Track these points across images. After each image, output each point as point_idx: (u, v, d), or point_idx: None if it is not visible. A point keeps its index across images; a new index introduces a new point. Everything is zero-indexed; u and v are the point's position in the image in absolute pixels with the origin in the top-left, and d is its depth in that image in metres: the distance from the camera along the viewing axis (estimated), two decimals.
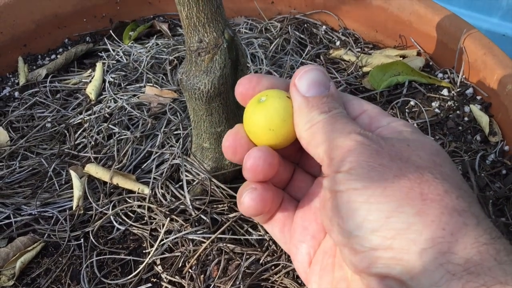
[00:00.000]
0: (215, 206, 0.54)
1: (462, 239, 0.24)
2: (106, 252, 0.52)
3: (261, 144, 0.33)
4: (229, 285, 0.48)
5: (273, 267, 0.50)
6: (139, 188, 0.56)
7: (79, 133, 0.66)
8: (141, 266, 0.50)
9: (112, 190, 0.58)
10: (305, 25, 0.86)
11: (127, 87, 0.73)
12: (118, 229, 0.54)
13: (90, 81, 0.74)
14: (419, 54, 0.77)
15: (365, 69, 0.76)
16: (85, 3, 0.84)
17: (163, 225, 0.53)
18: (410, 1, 0.77)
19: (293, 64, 0.76)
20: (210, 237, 0.51)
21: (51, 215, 0.56)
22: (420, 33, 0.77)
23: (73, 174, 0.58)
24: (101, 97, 0.72)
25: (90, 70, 0.78)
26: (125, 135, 0.64)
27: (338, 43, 0.82)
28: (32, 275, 0.51)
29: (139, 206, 0.55)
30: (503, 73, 0.64)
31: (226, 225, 0.52)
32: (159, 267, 0.50)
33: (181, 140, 0.61)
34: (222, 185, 0.55)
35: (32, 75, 0.77)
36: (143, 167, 0.60)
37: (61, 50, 0.84)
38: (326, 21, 0.87)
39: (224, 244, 0.51)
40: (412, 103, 0.69)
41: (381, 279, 0.26)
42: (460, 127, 0.65)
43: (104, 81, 0.74)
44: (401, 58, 0.76)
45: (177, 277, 0.49)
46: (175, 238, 0.52)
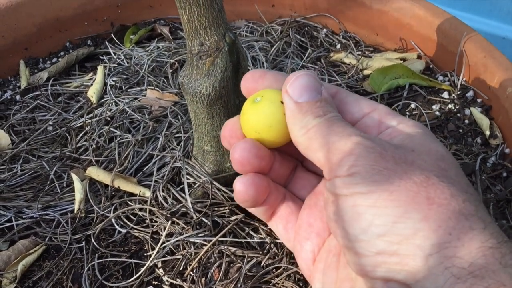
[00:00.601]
0: (216, 209, 0.54)
1: (468, 243, 0.24)
2: (107, 255, 0.52)
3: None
4: None
5: (274, 269, 0.50)
6: (140, 191, 0.57)
7: (80, 136, 0.66)
8: (143, 269, 0.50)
9: (113, 193, 0.58)
10: (306, 28, 0.86)
11: (128, 90, 0.73)
12: (119, 232, 0.54)
13: (92, 84, 0.75)
14: (419, 57, 0.77)
15: (366, 72, 0.76)
16: (86, 6, 0.84)
17: (164, 228, 0.53)
18: (410, 5, 0.77)
19: (294, 67, 0.76)
20: (211, 240, 0.51)
21: (52, 218, 0.56)
22: (421, 36, 0.77)
23: (74, 177, 0.58)
24: (103, 100, 0.72)
25: (92, 74, 0.78)
26: (126, 138, 0.64)
27: (338, 46, 0.83)
28: (34, 278, 0.51)
29: (140, 209, 0.56)
30: (503, 75, 0.65)
31: (227, 228, 0.52)
32: (161, 270, 0.50)
33: (182, 143, 0.61)
34: (223, 188, 0.55)
35: (34, 79, 0.77)
36: (144, 170, 0.60)
37: (62, 53, 0.84)
38: (327, 24, 0.87)
39: (226, 247, 0.51)
40: (412, 106, 0.69)
41: (385, 282, 0.26)
42: (461, 130, 0.66)
43: (105, 84, 0.75)
44: (402, 61, 0.76)
45: (178, 280, 0.49)
46: (176, 241, 0.52)
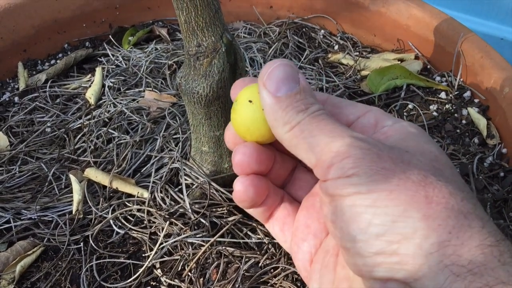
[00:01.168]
0: (214, 209, 0.54)
1: (467, 241, 0.24)
2: (105, 256, 0.52)
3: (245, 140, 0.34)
4: None
5: (272, 270, 0.50)
6: (138, 192, 0.57)
7: (78, 137, 0.66)
8: (141, 270, 0.50)
9: (111, 194, 0.58)
10: (304, 29, 0.86)
11: (127, 91, 0.74)
12: (117, 233, 0.54)
13: (90, 86, 0.75)
14: (417, 57, 0.77)
15: (363, 72, 0.76)
16: (84, 8, 0.85)
17: (162, 228, 0.53)
18: (407, 6, 0.78)
19: None
20: (209, 241, 0.51)
21: (50, 219, 0.56)
22: (418, 37, 0.77)
23: (72, 178, 0.58)
24: (101, 101, 0.72)
25: (90, 75, 0.78)
26: (125, 139, 0.64)
27: (336, 47, 0.83)
28: (32, 279, 0.51)
29: (138, 210, 0.56)
30: (500, 76, 0.65)
31: (225, 229, 0.52)
32: (159, 270, 0.50)
33: (180, 144, 0.61)
34: (221, 189, 0.55)
35: (32, 80, 0.77)
36: (142, 171, 0.60)
37: (60, 55, 0.84)
38: (325, 26, 0.87)
39: (223, 247, 0.51)
40: (410, 106, 0.69)
41: (384, 281, 0.26)
42: (458, 130, 0.66)
43: (103, 85, 0.75)
44: (399, 62, 0.76)
45: (176, 280, 0.49)
46: (174, 242, 0.52)
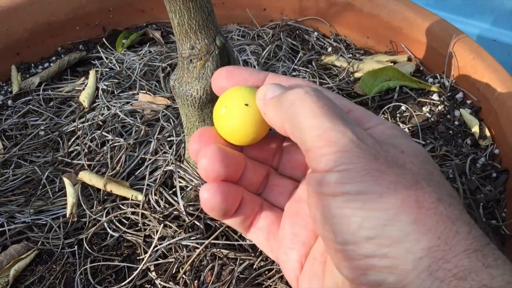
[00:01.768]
0: None
1: (454, 247, 0.24)
2: (100, 259, 0.52)
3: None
4: None
5: (266, 271, 0.50)
6: (132, 195, 0.57)
7: (72, 140, 0.66)
8: (135, 273, 0.50)
9: (105, 197, 0.58)
10: (297, 31, 0.87)
11: (120, 94, 0.74)
12: (112, 236, 0.54)
13: (83, 89, 0.75)
14: (409, 59, 0.78)
15: (357, 74, 0.76)
16: (78, 11, 0.85)
17: (156, 231, 0.53)
18: (400, 8, 0.78)
19: (285, 70, 0.76)
20: (203, 243, 0.51)
21: (44, 222, 0.56)
22: (411, 39, 0.78)
23: (66, 181, 0.58)
24: (94, 104, 0.72)
25: (83, 78, 0.78)
26: (119, 142, 0.64)
27: (329, 49, 0.83)
28: (26, 282, 0.51)
29: (132, 213, 0.56)
30: (492, 77, 0.65)
31: (219, 231, 0.52)
32: (153, 273, 0.50)
33: (174, 146, 0.61)
34: None
35: (25, 84, 0.77)
36: (136, 174, 0.60)
37: (54, 58, 0.84)
38: (318, 28, 0.87)
39: (218, 250, 0.51)
40: (403, 107, 0.70)
41: (373, 287, 0.26)
42: (451, 131, 0.66)
43: (97, 88, 0.75)
44: (392, 64, 0.77)
45: (171, 283, 0.49)
46: (168, 244, 0.52)
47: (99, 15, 0.87)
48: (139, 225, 0.55)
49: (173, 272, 0.50)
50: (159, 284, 0.49)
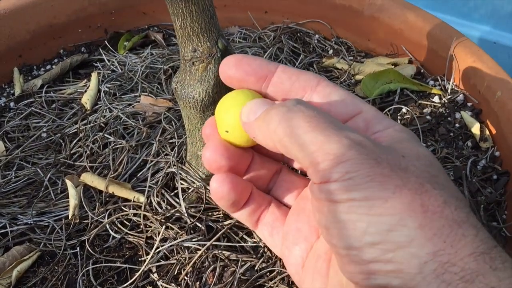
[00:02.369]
0: (210, 213, 0.55)
1: (460, 250, 0.24)
2: (102, 260, 0.52)
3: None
4: None
5: (268, 273, 0.50)
6: (134, 197, 0.57)
7: (74, 142, 0.66)
8: (137, 274, 0.50)
9: (107, 199, 0.58)
10: (298, 34, 0.87)
11: (122, 96, 0.74)
12: (114, 237, 0.54)
13: (85, 91, 0.75)
14: (410, 62, 0.78)
15: (358, 77, 0.76)
16: (80, 13, 0.85)
17: (158, 233, 0.53)
18: (401, 11, 0.78)
19: None
20: (205, 244, 0.51)
21: (47, 224, 0.56)
22: (411, 42, 0.78)
23: (68, 183, 0.58)
24: (97, 106, 0.72)
25: (85, 80, 0.78)
26: (121, 144, 0.64)
27: (331, 51, 0.83)
28: (28, 284, 0.51)
29: (134, 215, 0.56)
30: (493, 80, 0.66)
31: (221, 232, 0.52)
32: (155, 274, 0.50)
33: (176, 148, 0.61)
34: None
35: (28, 86, 0.77)
36: (138, 175, 0.60)
37: (56, 60, 0.84)
38: (319, 30, 0.88)
39: (220, 251, 0.51)
40: (404, 110, 0.70)
41: None
42: (452, 134, 0.66)
43: (99, 91, 0.75)
44: (393, 66, 0.77)
45: (172, 284, 0.49)
46: (170, 246, 0.52)
47: (101, 17, 0.87)
48: (141, 226, 0.55)
49: (175, 273, 0.50)
50: (161, 285, 0.49)
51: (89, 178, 0.59)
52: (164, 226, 0.53)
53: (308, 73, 0.33)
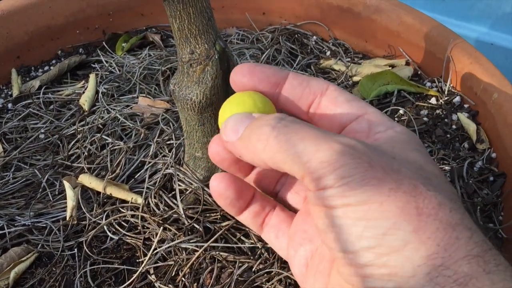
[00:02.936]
0: (207, 215, 0.55)
1: (454, 253, 0.24)
2: (99, 261, 0.53)
3: None
4: None
5: (265, 274, 0.50)
6: (132, 198, 0.57)
7: (72, 143, 0.66)
8: (135, 275, 0.50)
9: (105, 200, 0.58)
10: (296, 35, 0.87)
11: (120, 97, 0.74)
12: (111, 238, 0.54)
13: (83, 92, 0.75)
14: (407, 63, 0.78)
15: (355, 78, 0.77)
16: (78, 15, 0.85)
17: (156, 234, 0.53)
18: (398, 13, 0.79)
19: None
20: (203, 246, 0.51)
21: (44, 225, 0.56)
22: (409, 43, 0.78)
23: (66, 184, 0.58)
24: (94, 108, 0.72)
25: (83, 81, 0.78)
26: (118, 145, 0.64)
27: (328, 53, 0.84)
28: (26, 285, 0.51)
29: (132, 216, 0.56)
30: (489, 81, 0.66)
31: (218, 234, 0.52)
32: (153, 276, 0.51)
33: (173, 150, 0.61)
34: None
35: (26, 87, 0.77)
36: (136, 177, 0.60)
37: (54, 61, 0.84)
38: (317, 32, 0.88)
39: (217, 253, 0.51)
40: (401, 111, 0.70)
41: None
42: (448, 135, 0.67)
43: (97, 92, 0.75)
44: (390, 68, 0.77)
45: (170, 285, 0.49)
46: (168, 247, 0.52)
47: (99, 18, 0.87)
48: (138, 228, 0.55)
49: (173, 274, 0.50)
50: (159, 286, 0.50)
51: (87, 180, 0.59)
52: (162, 228, 0.53)
53: (317, 79, 0.34)
